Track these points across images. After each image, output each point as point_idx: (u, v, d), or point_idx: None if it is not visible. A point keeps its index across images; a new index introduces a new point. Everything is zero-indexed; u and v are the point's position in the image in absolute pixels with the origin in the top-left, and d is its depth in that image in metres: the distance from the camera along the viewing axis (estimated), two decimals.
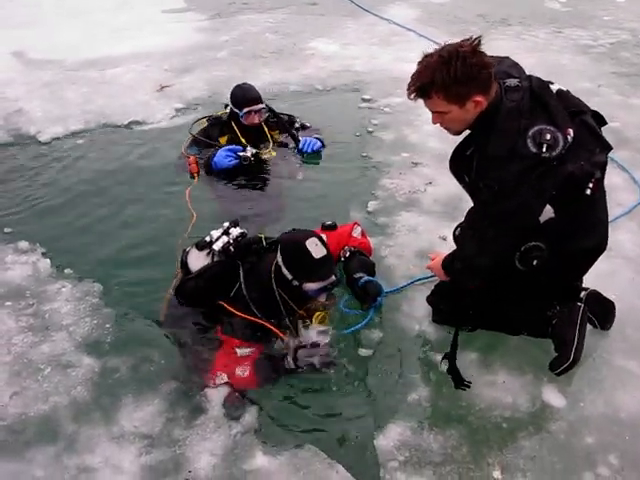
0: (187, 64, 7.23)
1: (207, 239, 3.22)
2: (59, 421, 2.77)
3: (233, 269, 3.14)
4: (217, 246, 3.18)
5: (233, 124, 4.77)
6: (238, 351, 2.97)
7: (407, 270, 3.69)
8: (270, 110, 4.87)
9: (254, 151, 4.63)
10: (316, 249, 2.95)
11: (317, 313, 3.14)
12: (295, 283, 2.98)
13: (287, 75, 6.86)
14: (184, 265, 3.25)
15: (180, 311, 3.22)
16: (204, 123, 4.93)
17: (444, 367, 2.93)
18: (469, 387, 2.87)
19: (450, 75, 2.42)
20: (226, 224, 3.29)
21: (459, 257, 2.86)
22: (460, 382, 2.88)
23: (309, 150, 4.83)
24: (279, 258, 3.02)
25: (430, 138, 4.99)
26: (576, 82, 6.33)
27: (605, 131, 2.68)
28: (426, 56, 2.52)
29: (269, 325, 3.02)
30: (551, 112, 2.48)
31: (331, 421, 2.79)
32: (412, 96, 2.58)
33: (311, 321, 3.12)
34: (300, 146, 4.85)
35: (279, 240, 3.12)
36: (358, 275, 3.34)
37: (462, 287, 2.94)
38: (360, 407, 2.85)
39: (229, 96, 4.80)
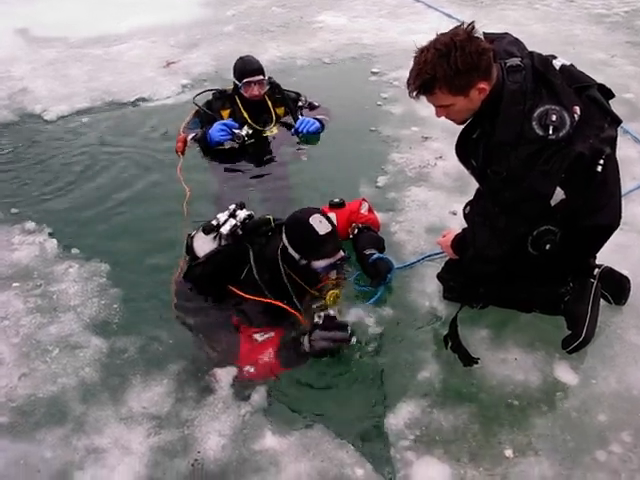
0: (193, 39, 7.17)
1: (214, 222, 3.16)
2: (68, 402, 2.76)
3: (242, 252, 3.09)
4: (225, 229, 3.12)
5: (236, 97, 4.72)
6: (258, 338, 2.92)
7: (417, 246, 3.65)
8: (276, 86, 4.81)
9: (250, 131, 4.57)
10: (320, 226, 2.90)
11: (330, 292, 3.09)
12: (303, 262, 2.95)
13: (294, 49, 6.79)
14: (190, 250, 3.21)
15: (190, 301, 3.17)
16: (209, 96, 4.88)
17: (448, 347, 2.91)
18: (477, 364, 2.84)
19: (451, 67, 2.36)
20: (232, 206, 3.22)
21: (471, 246, 2.80)
22: (468, 360, 2.85)
23: (304, 131, 4.69)
24: (284, 239, 2.98)
25: None
26: (589, 53, 6.24)
27: (619, 103, 2.61)
28: (422, 51, 2.44)
29: (282, 305, 2.97)
30: (556, 91, 2.41)
31: (340, 400, 2.77)
32: (414, 94, 2.51)
33: (325, 300, 3.08)
34: (297, 126, 4.74)
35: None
36: (368, 252, 3.31)
37: (476, 275, 2.90)
38: (370, 386, 2.83)
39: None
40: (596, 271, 2.95)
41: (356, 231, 3.42)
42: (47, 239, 3.80)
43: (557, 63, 2.50)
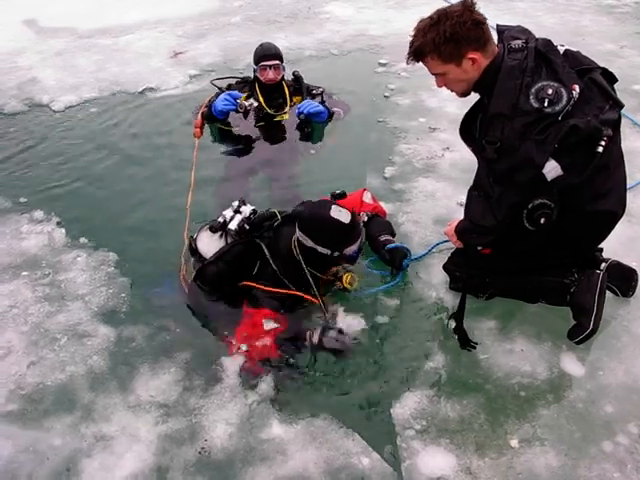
0: (201, 30, 7.18)
1: (220, 220, 3.17)
2: (76, 390, 2.78)
3: (253, 248, 3.10)
4: (233, 225, 3.13)
5: (255, 83, 4.76)
6: (265, 323, 2.92)
7: (424, 237, 3.65)
8: (299, 78, 4.86)
9: (255, 103, 4.56)
10: (342, 215, 2.88)
11: (345, 275, 3.11)
12: (336, 254, 2.93)
13: (302, 40, 6.79)
14: (195, 252, 3.21)
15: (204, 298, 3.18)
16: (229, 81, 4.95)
17: (451, 325, 2.96)
18: (475, 348, 2.89)
19: (440, 35, 2.48)
20: (235, 203, 3.23)
21: (467, 218, 2.83)
22: (466, 342, 2.89)
23: (305, 111, 4.60)
24: (307, 241, 2.92)
25: (448, 102, 4.89)
26: (598, 44, 6.20)
27: (628, 94, 2.60)
28: (420, 21, 2.58)
29: (305, 295, 3.01)
30: (555, 70, 2.43)
31: (347, 390, 2.78)
32: (409, 60, 2.65)
33: (342, 282, 3.11)
34: (298, 106, 4.67)
35: (296, 216, 3.04)
36: (384, 237, 3.34)
37: (472, 249, 2.91)
38: (376, 375, 2.84)
39: None
40: (603, 265, 2.95)
41: (365, 218, 3.42)
42: (55, 228, 3.81)
43: (562, 48, 2.52)
